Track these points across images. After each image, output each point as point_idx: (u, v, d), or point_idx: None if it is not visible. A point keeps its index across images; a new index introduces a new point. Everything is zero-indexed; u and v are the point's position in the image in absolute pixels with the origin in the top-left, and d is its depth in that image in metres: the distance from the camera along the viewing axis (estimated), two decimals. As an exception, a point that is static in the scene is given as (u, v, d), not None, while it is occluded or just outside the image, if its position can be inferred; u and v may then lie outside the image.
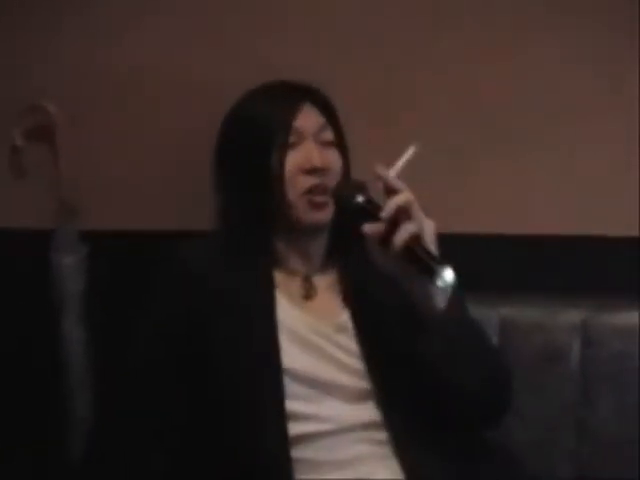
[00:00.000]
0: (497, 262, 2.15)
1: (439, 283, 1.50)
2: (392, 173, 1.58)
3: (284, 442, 1.63)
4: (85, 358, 2.22)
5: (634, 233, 2.14)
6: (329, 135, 1.75)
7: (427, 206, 1.57)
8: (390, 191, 1.56)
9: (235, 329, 1.68)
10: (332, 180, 1.70)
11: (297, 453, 1.64)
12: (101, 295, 2.22)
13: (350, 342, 1.69)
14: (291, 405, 1.65)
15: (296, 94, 1.75)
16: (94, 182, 2.24)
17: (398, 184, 1.56)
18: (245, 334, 1.67)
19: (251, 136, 1.73)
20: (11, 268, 2.25)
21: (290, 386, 1.65)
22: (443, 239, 1.61)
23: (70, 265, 2.21)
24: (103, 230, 2.23)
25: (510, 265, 2.16)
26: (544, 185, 2.18)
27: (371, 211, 1.57)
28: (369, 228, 1.56)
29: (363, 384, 1.68)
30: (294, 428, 1.64)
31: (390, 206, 1.55)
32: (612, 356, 2.05)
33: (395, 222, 1.54)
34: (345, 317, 1.71)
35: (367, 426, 1.67)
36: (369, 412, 1.67)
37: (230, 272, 1.70)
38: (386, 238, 1.54)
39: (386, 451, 1.65)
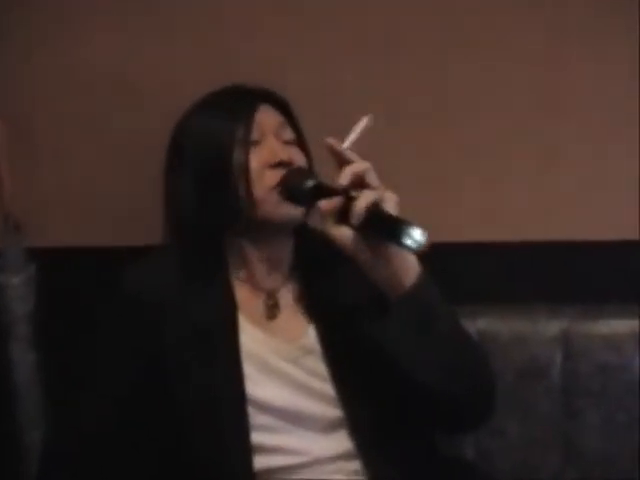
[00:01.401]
0: (473, 272, 2.13)
1: (409, 243, 1.42)
2: (345, 145, 1.54)
3: (249, 477, 1.59)
4: (37, 382, 2.18)
5: (616, 237, 2.11)
6: (289, 134, 1.71)
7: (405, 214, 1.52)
8: (343, 163, 1.53)
9: (195, 357, 1.62)
10: None
11: None
12: (51, 315, 2.17)
13: (318, 365, 1.64)
14: (257, 437, 1.60)
15: (253, 95, 1.72)
16: (39, 198, 2.22)
17: (351, 154, 1.53)
18: (206, 362, 1.62)
19: (210, 136, 1.67)
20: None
21: (255, 417, 1.60)
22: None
23: (18, 285, 2.17)
24: (51, 247, 2.20)
25: (486, 275, 2.13)
26: (520, 193, 2.16)
27: (324, 192, 1.54)
28: (325, 204, 1.51)
29: (334, 412, 1.62)
30: (260, 462, 1.60)
31: (346, 173, 1.50)
32: (597, 367, 2.00)
33: (351, 198, 1.49)
34: (311, 336, 1.66)
35: (339, 457, 1.62)
36: (341, 442, 1.62)
37: (187, 294, 1.64)
38: (345, 213, 1.49)
39: None
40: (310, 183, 1.58)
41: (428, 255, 1.53)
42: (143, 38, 2.16)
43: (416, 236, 1.41)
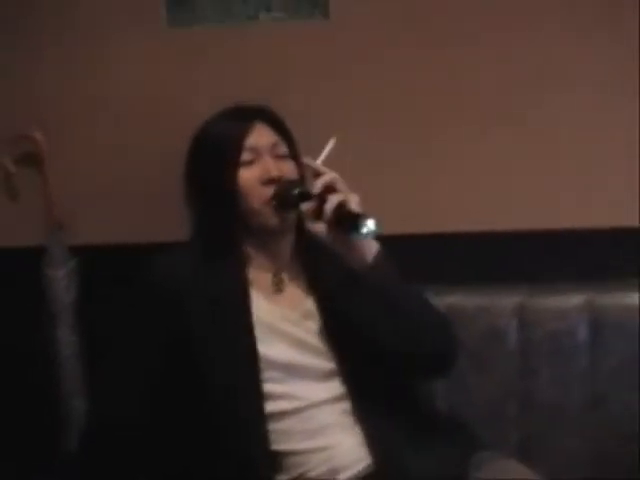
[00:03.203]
0: (442, 258, 2.35)
1: (364, 230, 1.74)
2: (318, 161, 1.84)
3: (262, 418, 1.85)
4: (78, 362, 2.39)
5: (564, 226, 2.34)
6: (283, 149, 1.93)
7: (378, 207, 1.80)
8: (317, 175, 1.82)
9: (216, 326, 1.87)
10: None
11: (273, 426, 1.85)
12: (90, 303, 2.37)
13: (316, 326, 1.90)
14: (267, 387, 1.86)
15: (248, 115, 1.93)
16: (80, 201, 2.39)
17: (323, 168, 1.83)
18: (226, 330, 1.87)
19: (211, 156, 1.91)
20: (8, 282, 2.40)
21: (265, 371, 1.86)
22: (398, 239, 1.88)
23: (62, 278, 2.36)
24: (89, 244, 2.38)
25: (456, 260, 2.36)
26: (473, 185, 2.37)
27: (306, 197, 1.83)
28: (305, 206, 1.82)
29: (328, 364, 1.88)
30: (270, 406, 1.86)
31: (318, 184, 1.80)
32: (548, 334, 2.24)
33: (324, 200, 1.80)
34: (310, 304, 1.92)
35: (333, 400, 1.88)
36: (335, 388, 1.88)
37: (208, 276, 1.89)
38: (319, 212, 1.80)
39: (350, 420, 1.87)
40: (296, 191, 1.85)
41: (408, 244, 1.87)
42: (160, 67, 2.37)
43: (371, 226, 1.75)
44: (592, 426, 2.26)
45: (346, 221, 1.79)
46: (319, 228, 1.82)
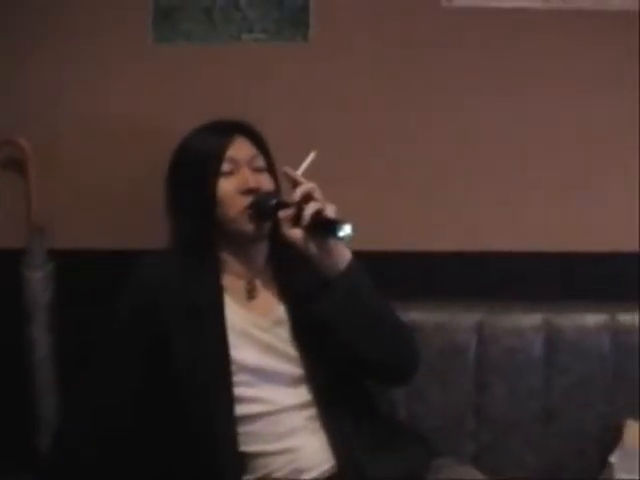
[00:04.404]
0: (406, 276, 2.42)
1: (341, 234, 1.82)
2: (298, 172, 1.91)
3: (232, 420, 1.91)
4: (52, 361, 2.40)
5: (526, 248, 2.45)
6: (261, 162, 2.00)
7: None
8: (296, 185, 1.89)
9: (191, 330, 1.93)
10: None
11: (243, 429, 1.92)
12: (66, 304, 2.40)
13: (287, 333, 1.97)
14: (238, 390, 1.92)
15: (228, 129, 2.00)
16: (61, 207, 2.43)
17: (302, 178, 1.90)
18: (200, 334, 1.93)
19: (193, 166, 1.97)
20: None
21: (237, 375, 1.93)
22: (361, 255, 1.93)
23: (39, 279, 2.39)
24: (67, 249, 2.42)
25: (417, 277, 2.44)
26: (438, 204, 2.47)
27: (283, 206, 1.91)
28: (283, 213, 1.89)
29: (297, 370, 1.95)
30: (241, 409, 1.92)
31: (297, 192, 1.87)
32: (504, 351, 2.33)
33: (302, 208, 1.87)
34: (281, 311, 1.99)
35: (301, 406, 1.95)
36: (303, 395, 1.95)
37: (185, 282, 1.96)
38: (297, 219, 1.87)
39: (316, 425, 1.94)
40: (273, 202, 1.93)
41: (374, 262, 1.92)
42: (144, 82, 2.43)
43: (346, 229, 1.82)
44: (545, 440, 2.34)
45: (323, 226, 1.86)
46: (296, 234, 1.88)
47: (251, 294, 2.01)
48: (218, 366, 1.93)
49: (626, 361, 2.35)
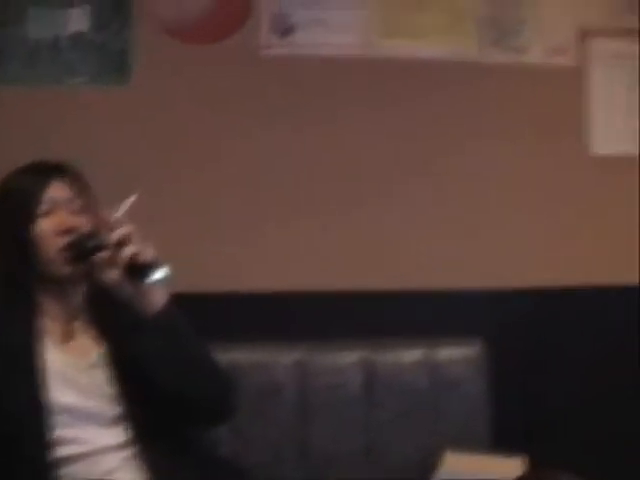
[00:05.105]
0: (226, 316, 2.50)
1: (154, 278, 1.89)
2: (117, 214, 1.95)
3: (48, 464, 1.91)
4: None
5: (341, 287, 2.56)
6: (78, 203, 2.02)
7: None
8: (114, 227, 1.93)
9: (10, 374, 1.93)
10: None
11: (65, 470, 1.93)
12: None
13: (105, 374, 1.98)
14: (58, 432, 1.92)
15: (47, 171, 2.02)
16: None
17: (120, 220, 1.94)
18: (14, 378, 1.93)
19: (10, 207, 1.99)
20: None
21: (57, 416, 1.93)
22: (189, 297, 1.99)
23: None
24: None
25: (238, 318, 2.53)
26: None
27: (101, 249, 1.94)
28: (99, 257, 1.93)
29: (115, 410, 1.97)
30: (61, 451, 1.93)
31: (113, 235, 1.92)
32: (324, 387, 2.41)
33: (119, 251, 1.91)
34: (99, 352, 2.00)
35: (119, 445, 1.96)
36: (121, 435, 1.96)
37: (4, 326, 1.97)
38: (114, 261, 1.91)
39: (135, 464, 1.95)
40: (90, 244, 1.95)
41: (196, 303, 1.98)
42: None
43: (160, 275, 1.89)
44: (365, 472, 2.42)
45: (139, 269, 1.91)
46: (113, 275, 1.93)
47: (69, 336, 2.02)
48: (31, 410, 1.93)
49: (444, 394, 2.45)
